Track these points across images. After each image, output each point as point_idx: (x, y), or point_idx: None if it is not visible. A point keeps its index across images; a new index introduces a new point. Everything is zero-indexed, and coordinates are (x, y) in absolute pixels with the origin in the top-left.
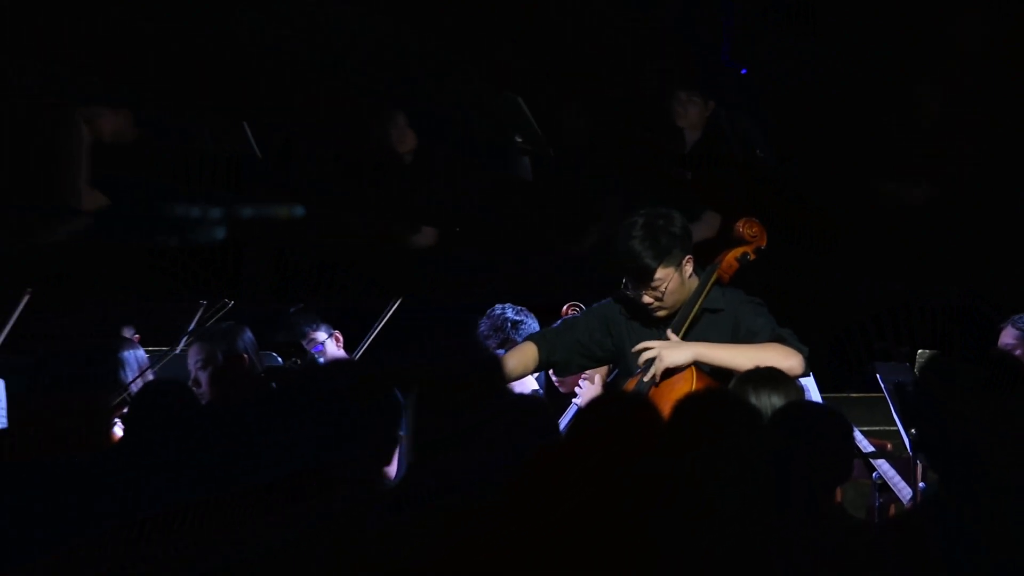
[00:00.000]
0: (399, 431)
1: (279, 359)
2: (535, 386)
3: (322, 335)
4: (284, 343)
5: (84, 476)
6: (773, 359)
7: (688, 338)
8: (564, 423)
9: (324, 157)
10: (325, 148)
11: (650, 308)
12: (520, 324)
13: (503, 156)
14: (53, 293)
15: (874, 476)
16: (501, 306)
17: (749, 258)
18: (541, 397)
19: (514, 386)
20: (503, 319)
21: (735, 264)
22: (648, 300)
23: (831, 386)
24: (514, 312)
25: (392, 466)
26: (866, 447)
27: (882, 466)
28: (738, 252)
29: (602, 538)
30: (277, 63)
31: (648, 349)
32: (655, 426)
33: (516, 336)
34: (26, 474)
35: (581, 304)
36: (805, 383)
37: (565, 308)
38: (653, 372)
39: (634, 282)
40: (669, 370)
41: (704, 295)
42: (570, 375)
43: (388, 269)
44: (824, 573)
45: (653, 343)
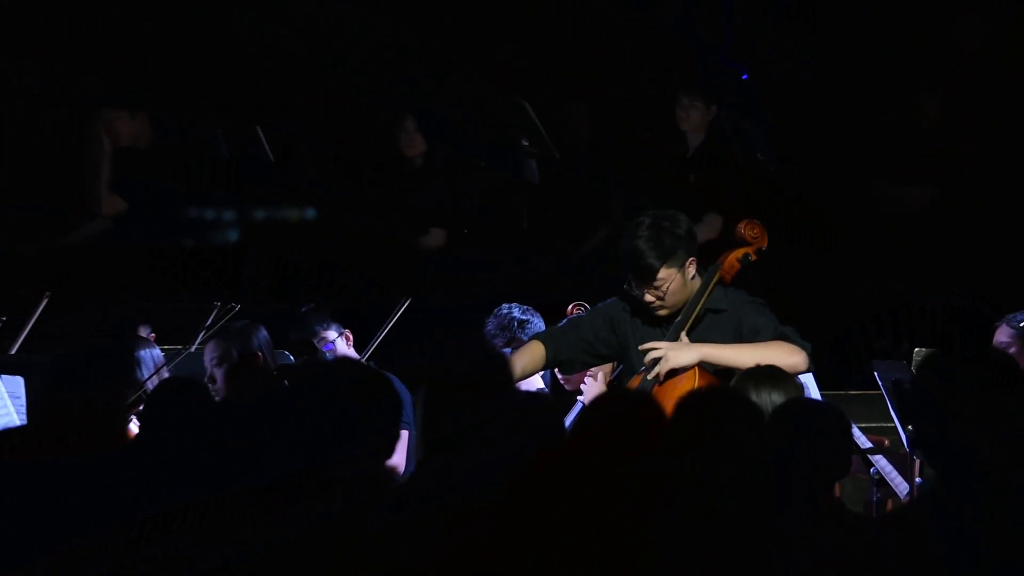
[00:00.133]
0: (399, 428)
1: (291, 357)
2: (540, 384)
3: (332, 334)
4: (296, 342)
5: (100, 473)
6: (778, 357)
7: (691, 338)
8: (569, 420)
9: (324, 157)
10: (325, 148)
11: (652, 307)
12: (526, 323)
13: (508, 158)
14: (71, 294)
15: (872, 471)
16: (508, 305)
17: (751, 259)
18: (547, 395)
19: (520, 384)
20: (510, 318)
21: (737, 265)
22: (650, 299)
23: (830, 383)
24: (520, 311)
25: (400, 463)
26: (864, 443)
27: (880, 462)
28: (740, 253)
29: (603, 538)
30: (277, 63)
31: (655, 349)
32: (658, 423)
33: (522, 335)
34: (42, 472)
35: (586, 304)
36: (805, 380)
37: (571, 308)
38: (657, 371)
39: (637, 280)
40: (673, 369)
41: (707, 295)
42: (575, 373)
43: (398, 269)
44: (823, 571)
45: (660, 344)
